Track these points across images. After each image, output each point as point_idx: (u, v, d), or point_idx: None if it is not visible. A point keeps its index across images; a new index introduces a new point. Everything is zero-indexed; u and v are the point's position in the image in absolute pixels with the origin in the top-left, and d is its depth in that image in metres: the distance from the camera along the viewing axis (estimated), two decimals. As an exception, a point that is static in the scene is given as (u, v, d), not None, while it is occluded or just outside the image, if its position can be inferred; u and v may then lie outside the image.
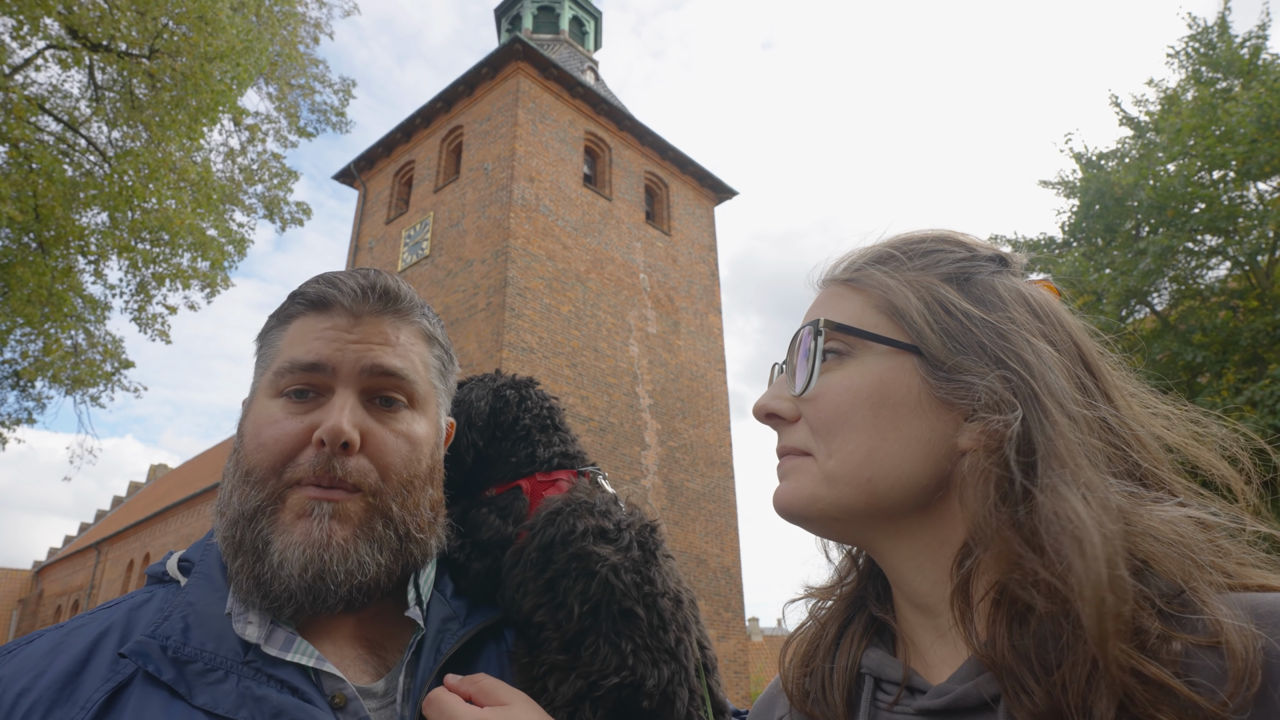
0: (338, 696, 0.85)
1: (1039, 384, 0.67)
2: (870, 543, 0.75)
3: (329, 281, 0.96)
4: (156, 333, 10.05)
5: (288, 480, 0.88)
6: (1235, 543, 0.64)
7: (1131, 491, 0.63)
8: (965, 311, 0.72)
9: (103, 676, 0.81)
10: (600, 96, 18.35)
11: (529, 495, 1.06)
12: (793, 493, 0.75)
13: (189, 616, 0.86)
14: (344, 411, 0.88)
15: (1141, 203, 10.05)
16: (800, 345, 0.77)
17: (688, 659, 0.92)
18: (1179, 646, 0.56)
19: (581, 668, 0.88)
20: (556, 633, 0.90)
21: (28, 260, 8.33)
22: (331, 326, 0.93)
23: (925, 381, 0.70)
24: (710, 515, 17.12)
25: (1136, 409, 0.71)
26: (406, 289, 1.00)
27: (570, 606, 0.90)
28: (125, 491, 40.84)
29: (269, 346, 0.97)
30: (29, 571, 39.97)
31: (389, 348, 0.94)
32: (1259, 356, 9.52)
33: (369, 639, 0.94)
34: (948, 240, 0.79)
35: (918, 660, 0.74)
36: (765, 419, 0.79)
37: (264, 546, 0.86)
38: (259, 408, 0.93)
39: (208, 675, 0.81)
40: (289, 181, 11.60)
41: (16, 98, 7.72)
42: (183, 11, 7.85)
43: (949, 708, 0.65)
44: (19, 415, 10.58)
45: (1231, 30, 10.85)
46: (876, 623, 0.79)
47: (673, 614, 0.94)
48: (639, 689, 0.87)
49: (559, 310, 15.70)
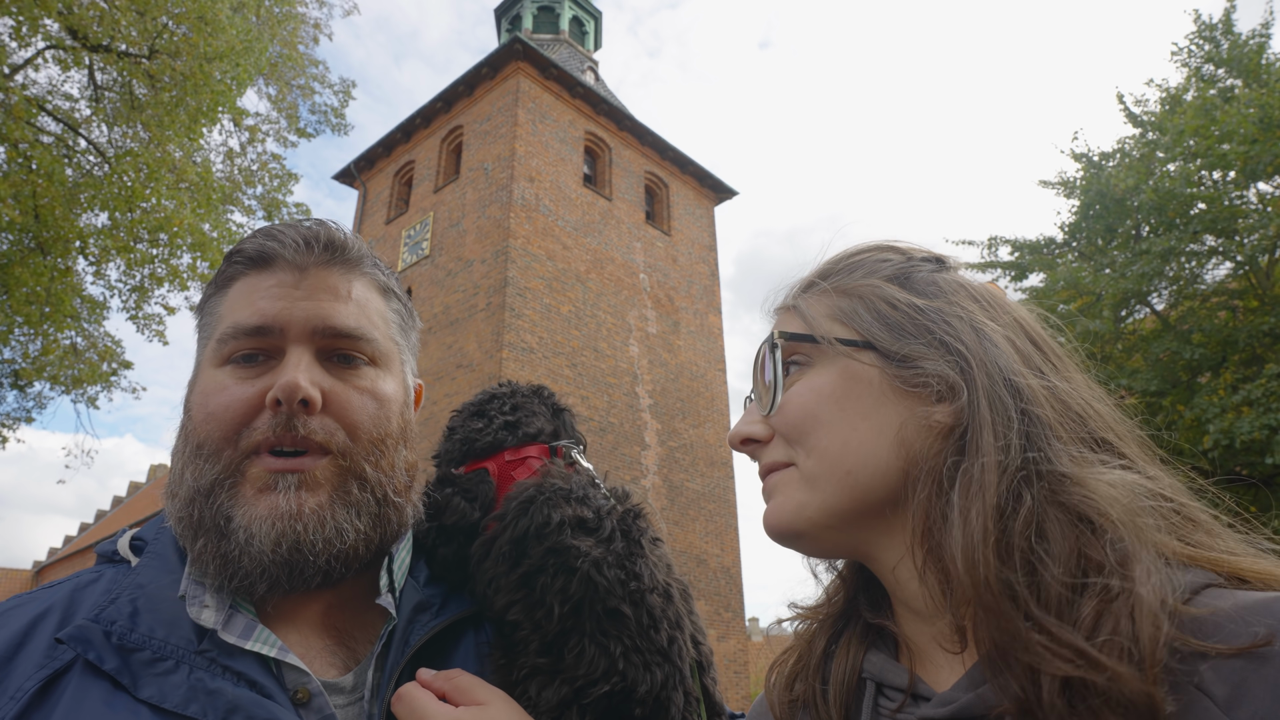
0: (300, 691, 0.77)
1: (976, 360, 0.68)
2: (863, 548, 0.75)
3: (268, 235, 0.88)
4: (154, 333, 10.04)
5: (244, 449, 0.81)
6: (1205, 517, 0.65)
7: (1075, 455, 0.65)
8: (909, 303, 0.74)
9: (36, 663, 0.73)
10: (600, 96, 18.35)
11: (496, 478, 0.98)
12: (779, 508, 0.75)
13: (138, 599, 0.78)
14: (299, 368, 0.81)
15: (1142, 204, 10.04)
16: (762, 366, 0.79)
17: (682, 659, 0.85)
18: (1123, 604, 0.56)
19: (566, 672, 0.81)
20: (535, 633, 0.83)
21: (27, 261, 8.32)
22: (276, 284, 0.85)
23: (883, 372, 0.72)
24: (710, 515, 17.12)
25: (1087, 380, 0.73)
26: (355, 238, 0.92)
27: (550, 605, 0.83)
28: (125, 491, 40.84)
29: (209, 315, 0.89)
30: (29, 571, 39.97)
31: (341, 303, 0.87)
32: (1259, 356, 9.52)
33: (337, 628, 0.87)
34: (885, 249, 0.82)
35: (921, 665, 0.73)
36: (741, 445, 0.80)
37: (225, 523, 0.79)
38: (204, 378, 0.85)
39: (156, 665, 0.73)
40: (289, 183, 11.59)
41: (16, 98, 7.71)
42: (183, 11, 7.84)
43: (954, 717, 0.64)
44: (19, 415, 10.58)
45: (1236, 28, 10.84)
46: (873, 629, 0.78)
47: (663, 610, 0.86)
48: (630, 695, 0.80)
49: (559, 310, 15.69)
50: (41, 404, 10.66)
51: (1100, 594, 0.57)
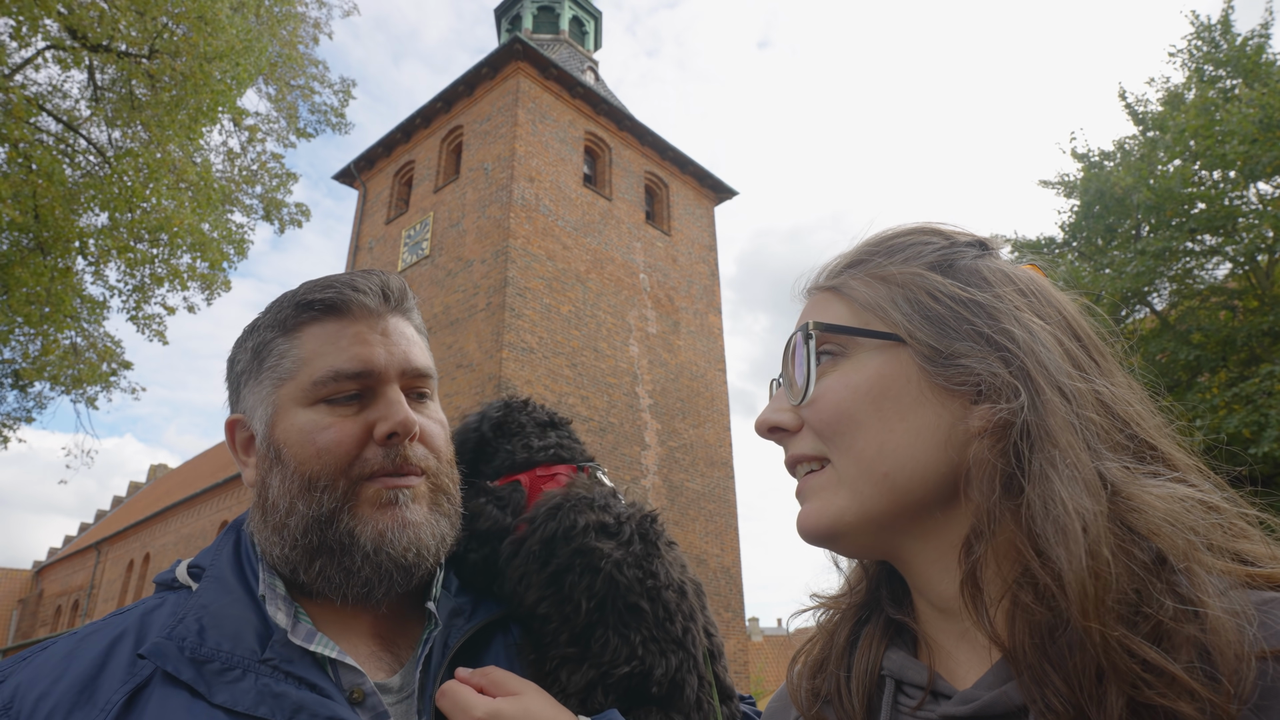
0: (356, 691, 0.86)
1: (1031, 362, 0.66)
2: (896, 551, 0.73)
3: (347, 285, 0.97)
4: (154, 333, 10.04)
5: (355, 477, 0.91)
6: (1254, 528, 0.62)
7: (1127, 466, 0.62)
8: (952, 295, 0.71)
9: (120, 679, 0.81)
10: (600, 96, 18.35)
11: (528, 489, 1.07)
12: (818, 513, 0.73)
13: (203, 618, 0.86)
14: (404, 406, 0.93)
15: (1141, 203, 10.04)
16: (794, 353, 0.76)
17: (695, 647, 0.96)
18: (1193, 630, 0.54)
19: (593, 659, 0.91)
20: (565, 625, 0.94)
21: (27, 261, 8.32)
22: (364, 331, 0.95)
23: (923, 370, 0.69)
24: (710, 515, 17.12)
25: (1129, 379, 0.71)
26: (406, 286, 1.04)
27: (577, 601, 0.93)
28: (125, 491, 40.85)
29: (278, 357, 0.96)
30: (29, 571, 39.98)
31: (414, 347, 0.99)
32: (1258, 357, 9.52)
33: (382, 635, 0.96)
34: (926, 231, 0.79)
35: (942, 663, 0.71)
36: (769, 434, 0.78)
37: (350, 540, 0.89)
38: (296, 418, 0.93)
39: (225, 674, 0.81)
40: (288, 183, 11.59)
41: (16, 98, 7.71)
42: (182, 11, 7.84)
43: (976, 715, 0.62)
44: (19, 415, 10.58)
45: (1234, 29, 10.84)
46: (894, 624, 0.77)
47: (677, 605, 0.96)
48: (648, 677, 0.91)
49: (559, 310, 15.69)
50: (41, 404, 10.67)
51: (1171, 619, 0.55)
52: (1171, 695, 0.52)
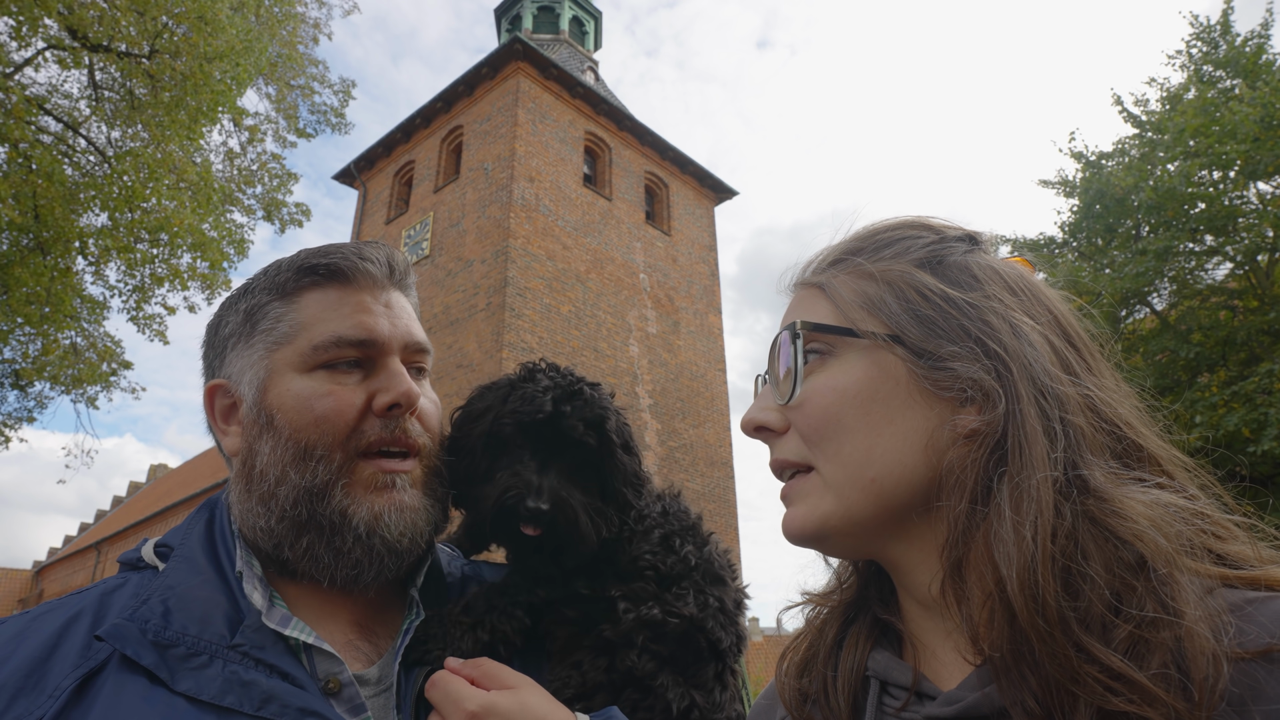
0: (331, 681, 0.81)
1: (1016, 366, 0.65)
2: (882, 552, 0.73)
3: (354, 253, 0.94)
4: (154, 333, 10.04)
5: (353, 450, 0.87)
6: (1237, 527, 0.62)
7: (1112, 470, 0.62)
8: (942, 294, 0.69)
9: (73, 662, 0.75)
10: (600, 96, 18.34)
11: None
12: (803, 517, 0.72)
13: (169, 599, 0.80)
14: (406, 378, 0.90)
15: (1141, 203, 10.04)
16: (780, 352, 0.74)
17: (741, 636, 1.03)
18: (1169, 636, 0.54)
19: (666, 603, 0.94)
20: (655, 572, 0.97)
21: (27, 261, 8.32)
22: (366, 300, 0.92)
23: (911, 371, 0.68)
24: (710, 515, 17.12)
25: (1118, 381, 0.70)
26: (409, 262, 1.03)
27: (685, 557, 0.98)
28: (125, 491, 40.83)
29: (274, 320, 0.91)
30: (29, 571, 39.95)
31: (414, 322, 0.97)
32: (1257, 356, 9.52)
33: (361, 623, 0.91)
34: (915, 225, 0.77)
35: (926, 663, 0.71)
36: (755, 433, 0.77)
37: (341, 518, 0.85)
38: (292, 384, 0.88)
39: (191, 660, 0.76)
40: (288, 183, 11.59)
41: (16, 98, 7.71)
42: (182, 11, 7.84)
43: (959, 717, 0.62)
44: (19, 415, 10.58)
45: (1234, 30, 10.84)
46: (881, 624, 0.77)
47: (736, 594, 1.06)
48: (702, 628, 0.95)
49: (559, 310, 15.69)
50: (42, 404, 10.68)
51: (1148, 625, 0.55)
52: (1140, 703, 0.52)
